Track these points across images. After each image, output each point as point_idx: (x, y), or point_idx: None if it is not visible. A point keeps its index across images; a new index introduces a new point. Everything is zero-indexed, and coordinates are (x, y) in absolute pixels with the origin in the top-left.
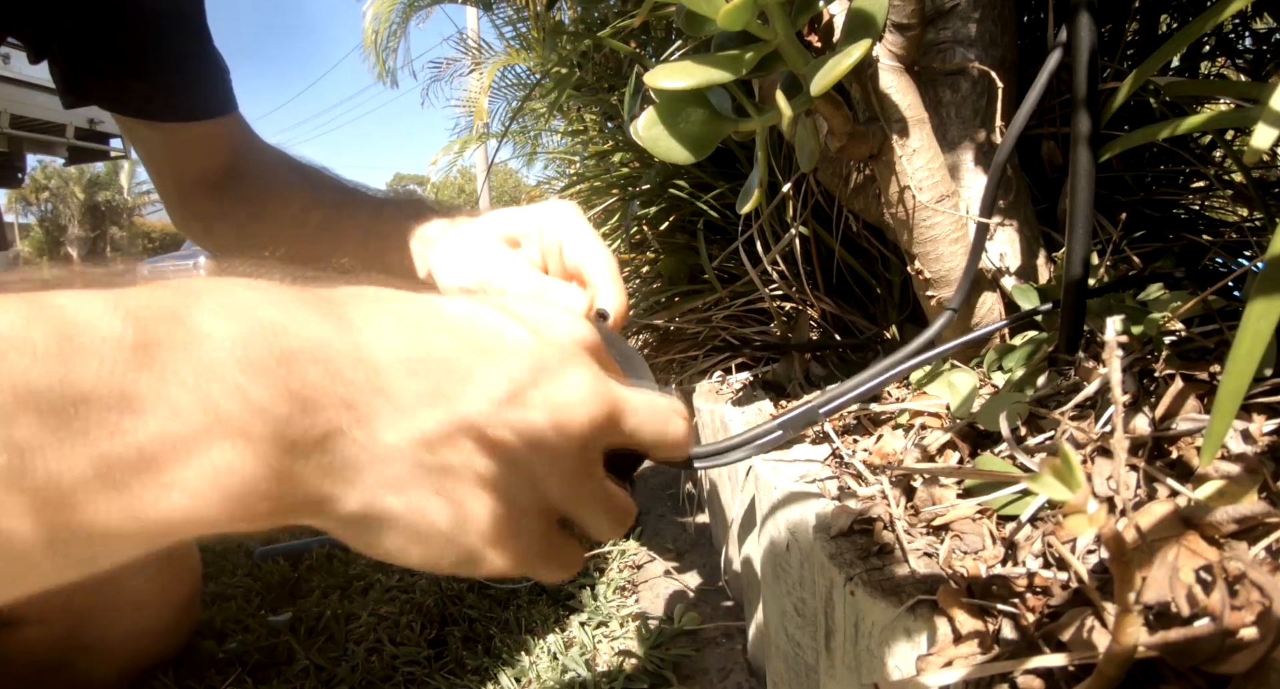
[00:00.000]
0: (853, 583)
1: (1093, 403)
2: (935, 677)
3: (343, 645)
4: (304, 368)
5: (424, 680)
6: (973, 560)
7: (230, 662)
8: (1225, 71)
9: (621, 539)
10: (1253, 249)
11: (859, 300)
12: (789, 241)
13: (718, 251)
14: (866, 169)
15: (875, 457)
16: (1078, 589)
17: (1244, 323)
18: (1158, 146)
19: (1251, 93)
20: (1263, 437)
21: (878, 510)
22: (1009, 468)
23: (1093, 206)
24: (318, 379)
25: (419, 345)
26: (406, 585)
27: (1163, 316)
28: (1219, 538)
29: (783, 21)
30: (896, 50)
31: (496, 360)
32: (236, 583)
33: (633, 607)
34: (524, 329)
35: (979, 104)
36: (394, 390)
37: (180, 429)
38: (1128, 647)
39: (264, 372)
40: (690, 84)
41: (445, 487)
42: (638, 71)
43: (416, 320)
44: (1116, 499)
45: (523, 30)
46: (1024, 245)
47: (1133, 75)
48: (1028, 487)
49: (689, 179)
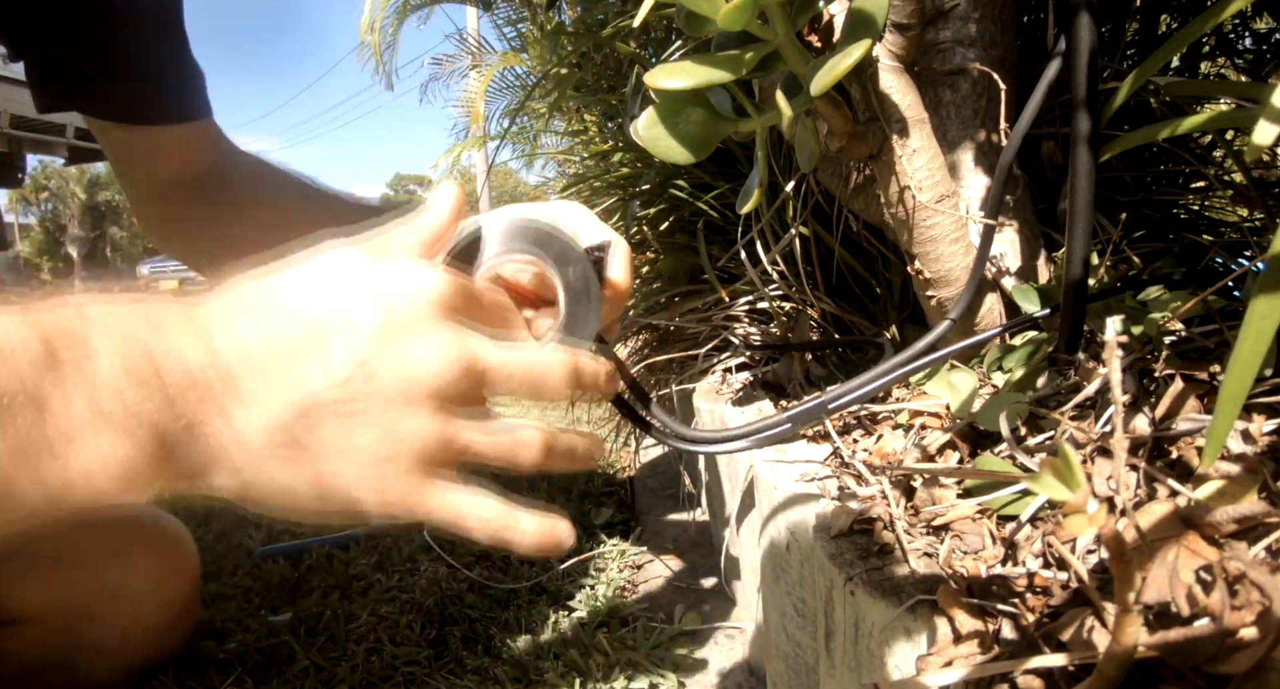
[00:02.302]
0: (853, 583)
1: (1093, 403)
2: (935, 677)
3: (343, 645)
4: (169, 373)
5: (424, 680)
6: (973, 560)
7: (230, 662)
8: (1225, 71)
9: (621, 539)
10: (1253, 249)
11: (859, 300)
12: (789, 241)
13: (718, 252)
14: (866, 169)
15: (875, 457)
16: (1078, 589)
17: (1246, 323)
18: (1158, 146)
19: (1251, 93)
20: (1263, 437)
21: (878, 510)
22: (1009, 468)
23: (1093, 206)
24: (180, 383)
25: (263, 340)
26: (406, 586)
27: (1163, 317)
28: (1219, 538)
29: (783, 21)
30: (896, 50)
31: (337, 339)
32: (236, 583)
33: (633, 607)
34: (369, 300)
35: (979, 104)
36: (241, 386)
37: (74, 424)
38: (1128, 647)
39: (138, 380)
40: (690, 84)
41: (300, 460)
42: (638, 71)
43: (262, 314)
44: (1116, 499)
45: (523, 30)
46: (1024, 245)
47: (1133, 75)
48: (1028, 487)
49: (689, 179)
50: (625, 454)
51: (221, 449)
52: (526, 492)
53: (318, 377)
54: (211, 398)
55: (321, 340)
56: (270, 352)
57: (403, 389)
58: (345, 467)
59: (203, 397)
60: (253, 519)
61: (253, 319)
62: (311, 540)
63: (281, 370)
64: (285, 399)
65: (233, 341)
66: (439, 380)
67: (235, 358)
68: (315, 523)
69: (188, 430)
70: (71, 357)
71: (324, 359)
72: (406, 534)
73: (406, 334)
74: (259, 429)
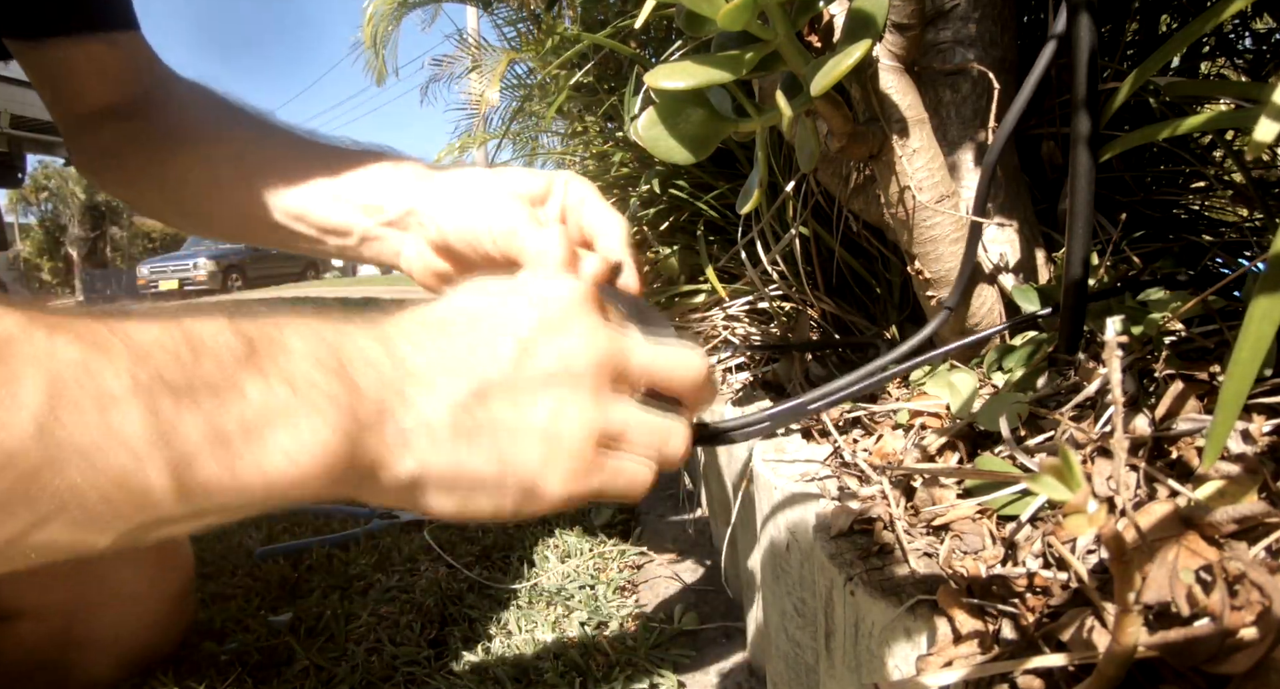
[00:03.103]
0: (853, 583)
1: (1093, 403)
2: (935, 677)
3: (343, 645)
4: (358, 369)
5: (424, 680)
6: (973, 560)
7: (230, 662)
8: (1225, 71)
9: (621, 539)
10: (1253, 249)
11: (859, 300)
12: (789, 241)
13: (718, 252)
14: (866, 169)
15: (875, 457)
16: (1078, 589)
17: (1246, 324)
18: (1158, 146)
19: (1251, 93)
20: (1263, 437)
21: (878, 510)
22: (1009, 468)
23: (1093, 206)
24: (370, 377)
25: (440, 340)
26: (406, 585)
27: (1163, 317)
28: (1219, 538)
29: (783, 22)
30: (896, 50)
31: (502, 332)
32: (236, 583)
33: (633, 607)
34: (527, 301)
35: (979, 104)
36: (422, 378)
37: (275, 406)
38: (1128, 647)
39: (331, 371)
40: (690, 84)
41: (481, 439)
42: (638, 72)
43: (434, 324)
44: (1116, 499)
45: (523, 30)
46: (1024, 245)
47: (1133, 75)
48: (1028, 487)
49: (689, 179)
50: None
51: (407, 432)
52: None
53: (488, 363)
54: (395, 389)
55: (489, 335)
56: (445, 350)
57: (564, 367)
58: (521, 444)
59: (387, 386)
60: (252, 519)
61: (427, 329)
62: (312, 540)
63: (456, 362)
64: (462, 384)
65: (412, 345)
66: (596, 358)
67: (414, 355)
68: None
69: (378, 419)
70: (269, 352)
71: (491, 348)
72: (407, 534)
73: (563, 323)
74: (441, 410)
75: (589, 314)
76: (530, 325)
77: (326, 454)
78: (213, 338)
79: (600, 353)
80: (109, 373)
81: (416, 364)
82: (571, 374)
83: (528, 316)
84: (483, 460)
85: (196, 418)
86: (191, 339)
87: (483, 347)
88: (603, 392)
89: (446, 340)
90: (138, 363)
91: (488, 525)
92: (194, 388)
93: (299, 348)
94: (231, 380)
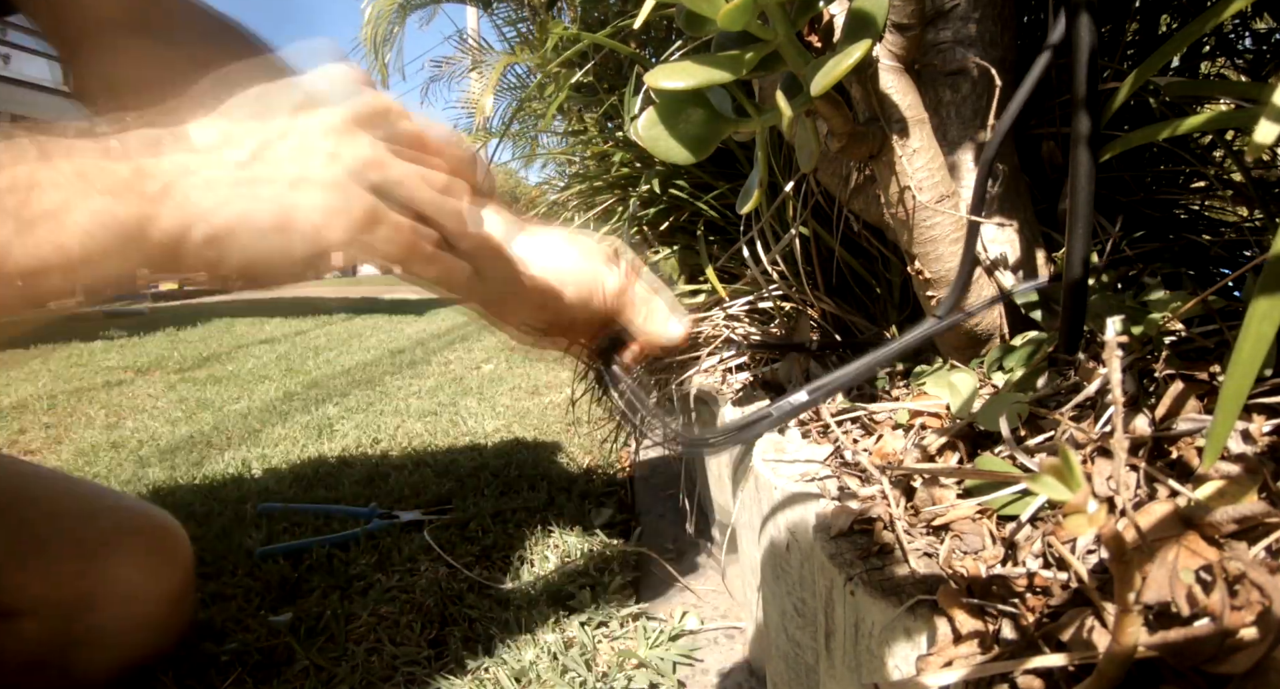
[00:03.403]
0: (853, 583)
1: (1093, 403)
2: (935, 677)
3: (343, 645)
4: (143, 154)
5: (424, 680)
6: (973, 560)
7: (230, 662)
8: (1225, 71)
9: (621, 540)
10: (1253, 249)
11: (859, 300)
12: (789, 241)
13: (718, 251)
14: (866, 169)
15: (875, 457)
16: (1078, 589)
17: (1246, 324)
18: (1158, 146)
19: (1251, 93)
20: (1263, 437)
21: (878, 510)
22: (1009, 468)
23: (1093, 206)
24: (154, 160)
25: (220, 126)
26: (406, 585)
27: (1163, 317)
28: (1219, 538)
29: (783, 22)
30: (896, 50)
31: (278, 109)
32: (236, 583)
33: (633, 607)
34: (297, 83)
35: (979, 104)
36: (210, 150)
37: (68, 192)
38: (1128, 647)
39: (118, 158)
40: (690, 84)
41: (261, 188)
42: (638, 71)
43: (220, 114)
44: (1116, 499)
45: (523, 30)
46: (1024, 245)
47: (1133, 75)
48: (1028, 487)
49: (689, 179)
50: (625, 454)
51: (192, 200)
52: (527, 492)
53: (267, 127)
54: (185, 164)
55: (266, 112)
56: (226, 129)
57: (341, 118)
58: (302, 191)
59: (178, 165)
60: (252, 519)
61: (212, 119)
62: (312, 540)
63: (236, 134)
64: (242, 147)
65: (197, 131)
66: (363, 110)
67: (197, 136)
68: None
69: (166, 191)
70: (58, 151)
71: (270, 118)
72: (407, 534)
73: (328, 98)
74: (223, 171)
75: (359, 91)
76: (299, 100)
77: (117, 223)
78: (13, 147)
79: (363, 104)
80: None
81: (201, 141)
82: (348, 124)
83: (300, 92)
84: (264, 210)
85: (3, 216)
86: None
87: (260, 120)
88: (380, 144)
89: (228, 124)
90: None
91: (487, 526)
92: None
93: (85, 146)
94: (24, 178)
